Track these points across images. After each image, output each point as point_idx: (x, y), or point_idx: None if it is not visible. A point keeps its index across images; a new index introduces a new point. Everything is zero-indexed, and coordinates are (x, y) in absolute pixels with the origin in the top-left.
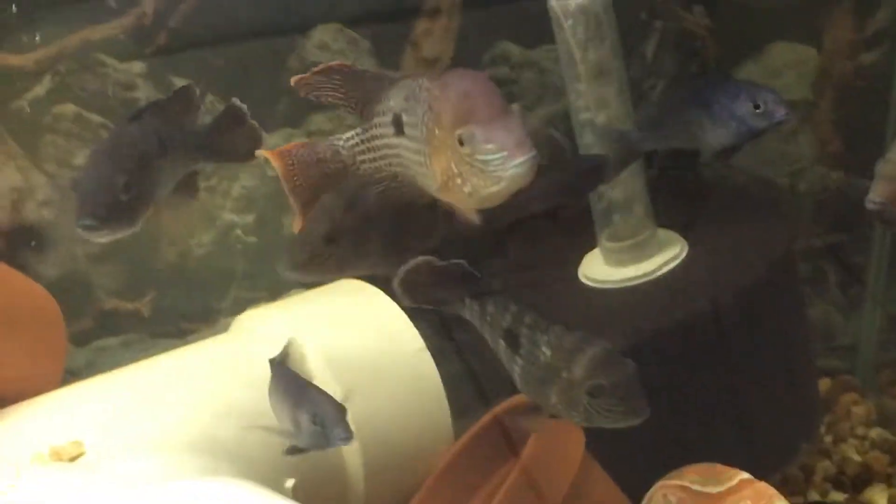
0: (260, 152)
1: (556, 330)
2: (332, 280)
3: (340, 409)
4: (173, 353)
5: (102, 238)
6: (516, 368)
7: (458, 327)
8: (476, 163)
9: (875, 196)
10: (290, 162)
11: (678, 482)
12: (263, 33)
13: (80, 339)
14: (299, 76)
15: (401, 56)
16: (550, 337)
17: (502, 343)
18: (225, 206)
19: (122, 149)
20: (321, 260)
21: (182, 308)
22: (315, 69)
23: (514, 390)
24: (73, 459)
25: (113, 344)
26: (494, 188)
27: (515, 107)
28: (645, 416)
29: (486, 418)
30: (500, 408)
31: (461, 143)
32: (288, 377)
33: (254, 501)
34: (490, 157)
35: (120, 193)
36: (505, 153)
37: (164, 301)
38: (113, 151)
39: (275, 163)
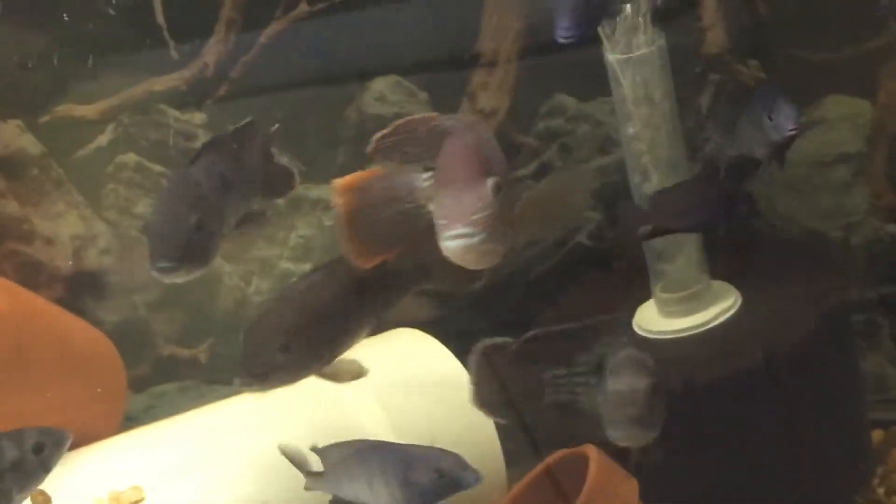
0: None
1: None
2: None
3: (458, 455)
4: (231, 400)
5: (178, 279)
6: None
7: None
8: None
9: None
10: (359, 196)
11: None
12: (322, 84)
13: (138, 385)
14: (372, 147)
15: (457, 108)
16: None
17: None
18: (282, 255)
19: (190, 189)
20: (279, 369)
21: (238, 355)
22: (380, 135)
23: (565, 441)
24: None
25: (170, 390)
26: (446, 252)
27: (491, 181)
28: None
29: (539, 468)
30: (552, 458)
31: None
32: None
33: None
34: (438, 221)
35: (192, 233)
36: (444, 222)
37: (221, 348)
38: (181, 192)
39: (338, 198)
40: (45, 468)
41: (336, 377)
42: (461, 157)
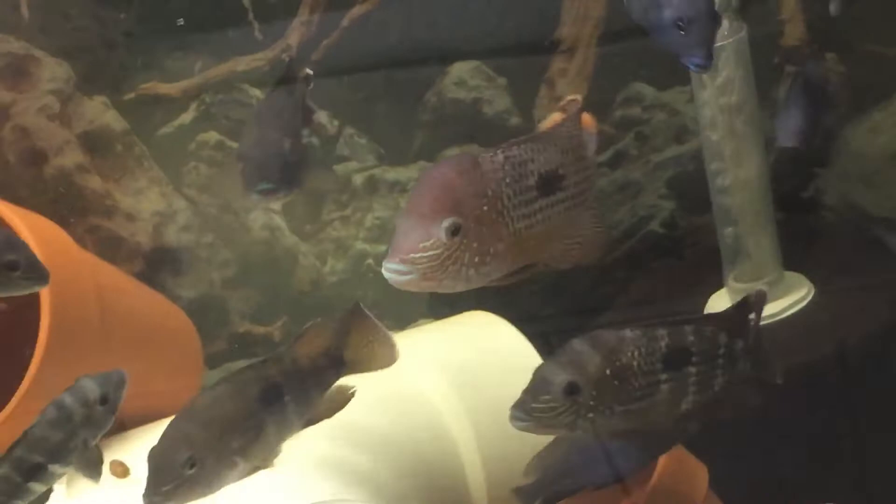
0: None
1: None
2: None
3: None
4: None
5: (277, 201)
6: None
7: None
8: None
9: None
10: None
11: None
12: (402, 68)
13: (212, 361)
14: None
15: (535, 94)
16: None
17: None
18: (358, 235)
19: (279, 116)
20: (185, 484)
21: None
22: None
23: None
24: None
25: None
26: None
27: (448, 222)
28: None
29: None
30: None
31: None
32: None
33: None
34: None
35: (287, 156)
36: (389, 250)
37: (295, 326)
38: (272, 119)
39: None
40: (112, 411)
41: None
42: (426, 191)
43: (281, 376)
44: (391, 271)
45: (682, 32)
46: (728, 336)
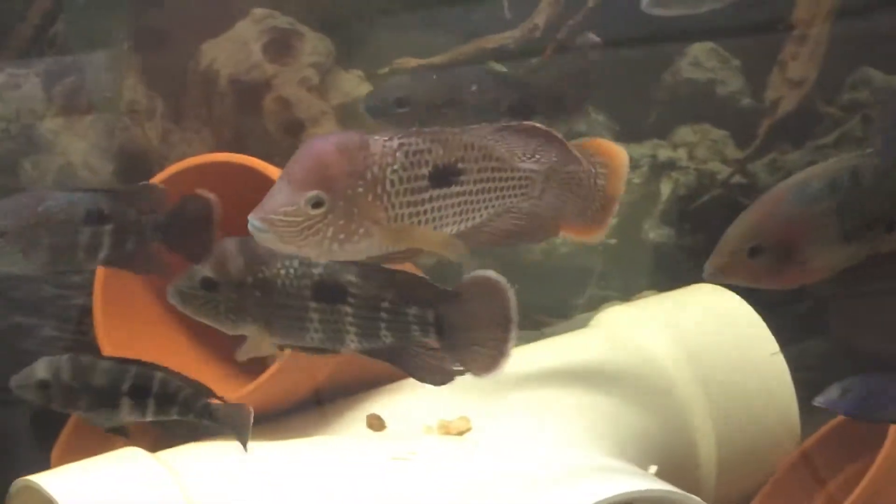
0: None
1: None
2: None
3: None
4: (547, 342)
5: None
6: None
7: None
8: None
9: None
10: None
11: None
12: (641, 48)
13: None
14: None
15: (768, 75)
16: None
17: None
18: None
19: None
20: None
21: (542, 302)
22: None
23: None
24: (460, 434)
25: None
26: None
27: (311, 194)
28: None
29: (833, 423)
30: None
31: None
32: None
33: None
34: None
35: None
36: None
37: (526, 295)
38: None
39: None
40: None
41: None
42: (303, 159)
43: None
44: (252, 226)
45: None
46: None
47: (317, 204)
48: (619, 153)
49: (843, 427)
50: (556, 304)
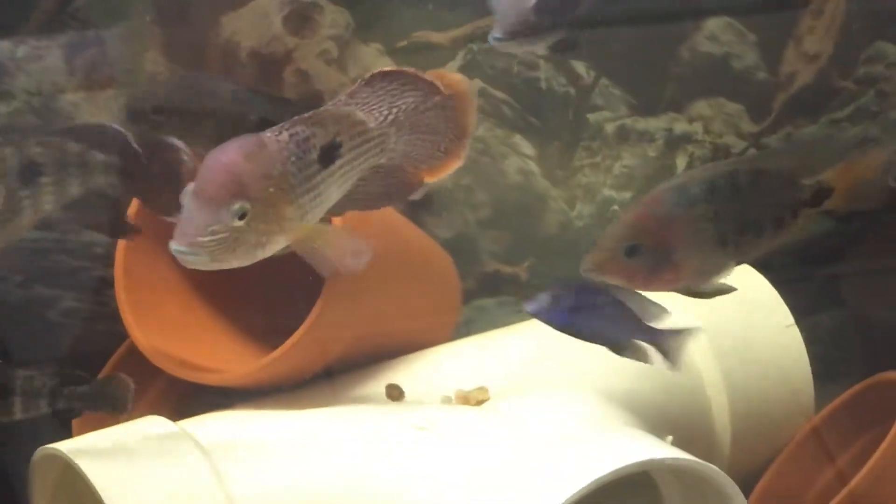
0: None
1: None
2: None
3: None
4: None
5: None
6: None
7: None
8: None
9: (585, 263)
10: None
11: None
12: (658, 22)
13: (463, 298)
14: None
15: (783, 50)
16: None
17: None
18: (605, 182)
19: None
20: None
21: (556, 275)
22: None
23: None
24: (478, 403)
25: (489, 304)
26: None
27: (237, 205)
28: None
29: (848, 393)
30: (862, 384)
31: None
32: None
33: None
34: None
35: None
36: (175, 231)
37: (541, 267)
38: None
39: None
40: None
41: None
42: (213, 175)
43: None
44: (179, 252)
45: None
46: None
47: (242, 216)
48: (461, 81)
49: (856, 400)
50: (572, 276)
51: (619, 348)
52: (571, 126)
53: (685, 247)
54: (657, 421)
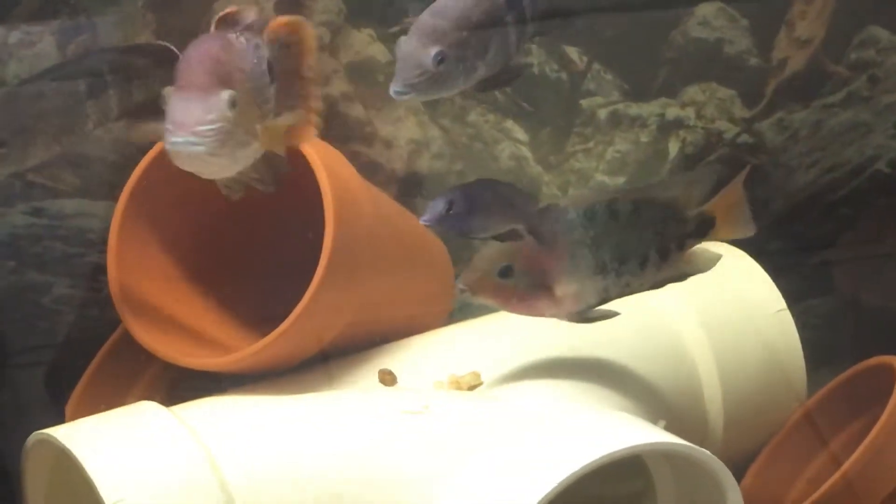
0: None
1: None
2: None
3: None
4: None
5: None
6: None
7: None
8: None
9: (460, 282)
10: None
11: None
12: (651, 8)
13: None
14: None
15: (775, 35)
16: None
17: None
18: (598, 167)
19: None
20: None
21: None
22: None
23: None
24: (471, 388)
25: None
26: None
27: (226, 94)
28: None
29: (840, 378)
30: (855, 368)
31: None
32: None
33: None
34: (166, 125)
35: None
36: (171, 127)
37: None
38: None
39: None
40: None
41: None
42: (198, 64)
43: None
44: (179, 145)
45: None
46: None
47: (233, 103)
48: (301, 23)
49: (849, 384)
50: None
51: (504, 237)
52: (564, 111)
53: (559, 271)
54: (650, 406)
